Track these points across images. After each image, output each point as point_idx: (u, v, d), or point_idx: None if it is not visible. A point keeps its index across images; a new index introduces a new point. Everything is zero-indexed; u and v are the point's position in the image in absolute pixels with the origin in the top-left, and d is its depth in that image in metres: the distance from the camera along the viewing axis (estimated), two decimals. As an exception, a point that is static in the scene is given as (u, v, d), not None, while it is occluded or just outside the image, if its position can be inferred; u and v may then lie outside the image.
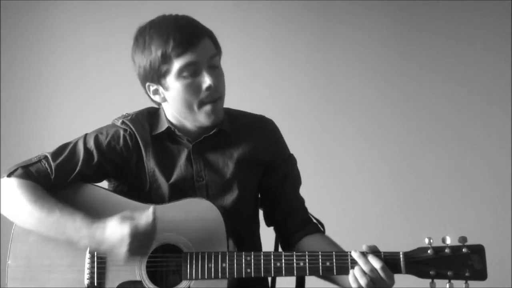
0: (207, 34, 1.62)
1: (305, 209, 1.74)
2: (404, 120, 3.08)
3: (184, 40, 1.55)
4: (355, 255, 1.44)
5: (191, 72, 1.56)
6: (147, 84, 1.64)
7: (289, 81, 3.09)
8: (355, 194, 3.01)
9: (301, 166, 1.76)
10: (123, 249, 1.46)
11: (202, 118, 1.60)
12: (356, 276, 1.42)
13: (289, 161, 1.75)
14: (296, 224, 1.69)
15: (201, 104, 1.58)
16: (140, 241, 1.47)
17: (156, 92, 1.64)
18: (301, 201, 1.75)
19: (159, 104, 1.70)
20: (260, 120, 1.76)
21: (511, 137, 2.98)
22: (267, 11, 3.05)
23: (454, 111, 3.06)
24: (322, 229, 1.70)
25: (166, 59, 1.55)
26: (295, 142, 1.79)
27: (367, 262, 1.42)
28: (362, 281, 1.41)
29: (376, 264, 1.41)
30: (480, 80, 3.06)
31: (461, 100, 3.06)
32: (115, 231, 1.47)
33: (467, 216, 2.94)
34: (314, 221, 1.71)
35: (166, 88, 1.61)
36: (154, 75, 1.59)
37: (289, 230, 1.69)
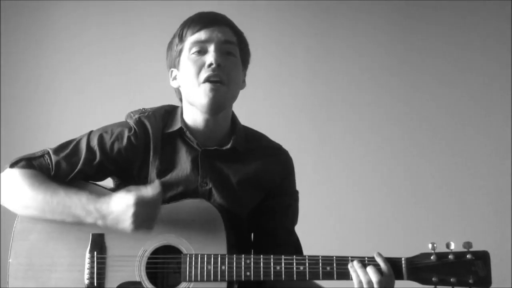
0: (229, 25, 1.62)
1: (295, 245, 1.72)
2: (405, 123, 3.03)
3: (201, 21, 1.59)
4: (357, 266, 1.43)
5: (199, 49, 1.57)
6: (171, 70, 1.67)
7: (286, 85, 3.06)
8: (357, 198, 2.98)
9: (301, 170, 1.74)
10: (128, 219, 1.44)
11: (200, 97, 1.56)
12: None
13: (293, 196, 1.74)
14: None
15: (201, 82, 1.56)
16: (145, 211, 1.44)
17: (175, 77, 1.66)
18: (294, 235, 1.73)
19: (180, 96, 1.68)
20: (276, 148, 1.74)
21: (511, 139, 2.93)
22: (265, 14, 3.05)
23: (454, 114, 3.01)
24: None
25: (181, 38, 1.60)
26: (293, 147, 1.77)
27: (366, 274, 1.42)
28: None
29: (374, 277, 1.40)
30: (480, 82, 3.00)
31: (461, 103, 3.01)
32: (120, 202, 1.46)
33: (467, 217, 2.90)
34: None
35: (179, 69, 1.62)
36: (173, 58, 1.63)
37: None
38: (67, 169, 1.59)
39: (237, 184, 1.63)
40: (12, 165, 1.58)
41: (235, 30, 1.63)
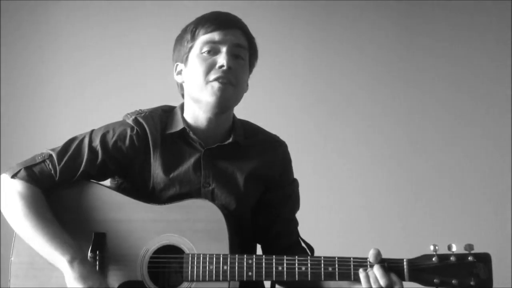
0: (243, 29, 1.64)
1: (297, 233, 1.75)
2: (405, 123, 3.05)
3: (216, 22, 1.60)
4: (379, 272, 1.41)
5: (210, 49, 1.58)
6: (176, 64, 1.68)
7: (286, 84, 3.07)
8: (358, 199, 2.99)
9: (302, 171, 1.75)
10: None
11: (207, 94, 1.57)
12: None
13: (293, 185, 1.76)
14: (286, 245, 1.69)
15: (210, 80, 1.57)
16: None
17: (180, 72, 1.67)
18: (296, 224, 1.76)
19: (182, 91, 1.69)
20: (274, 141, 1.76)
21: (511, 140, 2.94)
22: (265, 13, 3.06)
23: (457, 116, 3.02)
24: (309, 253, 1.69)
25: (194, 36, 1.61)
26: (294, 147, 1.78)
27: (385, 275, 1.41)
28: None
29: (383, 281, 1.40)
30: (480, 83, 3.02)
31: (463, 105, 3.02)
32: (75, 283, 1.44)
33: (469, 219, 2.91)
34: (303, 245, 1.71)
35: (186, 65, 1.62)
36: (181, 53, 1.64)
37: (278, 250, 1.67)
38: (71, 172, 1.58)
39: (244, 181, 1.63)
40: (13, 176, 1.55)
41: (248, 35, 1.65)
